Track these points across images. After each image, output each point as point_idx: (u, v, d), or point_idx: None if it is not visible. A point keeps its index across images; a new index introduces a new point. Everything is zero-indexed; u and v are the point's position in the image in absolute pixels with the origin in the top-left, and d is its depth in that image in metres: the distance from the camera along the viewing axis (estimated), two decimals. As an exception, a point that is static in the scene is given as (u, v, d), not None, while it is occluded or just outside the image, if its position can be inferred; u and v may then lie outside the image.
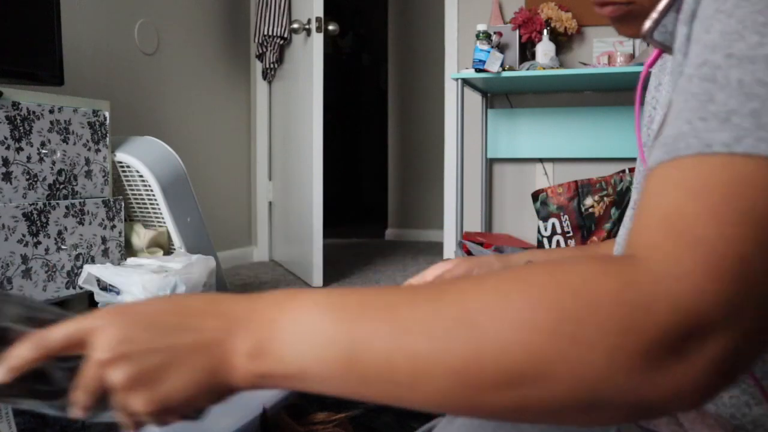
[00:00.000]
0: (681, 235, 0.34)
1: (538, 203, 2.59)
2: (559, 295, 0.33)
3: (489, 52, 2.61)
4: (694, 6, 0.42)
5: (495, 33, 2.82)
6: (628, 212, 0.64)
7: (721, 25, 0.38)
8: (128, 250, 2.04)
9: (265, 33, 3.21)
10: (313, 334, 0.37)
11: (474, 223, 3.25)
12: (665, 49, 0.57)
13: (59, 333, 0.41)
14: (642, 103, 0.68)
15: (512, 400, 0.34)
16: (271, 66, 3.35)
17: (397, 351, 0.35)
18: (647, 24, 0.53)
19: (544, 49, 2.88)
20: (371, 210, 5.91)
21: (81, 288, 1.79)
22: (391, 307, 0.37)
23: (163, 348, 0.39)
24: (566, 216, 2.53)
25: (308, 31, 2.90)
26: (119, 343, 0.39)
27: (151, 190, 2.05)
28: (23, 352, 0.41)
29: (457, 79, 2.72)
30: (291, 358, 0.37)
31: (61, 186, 1.80)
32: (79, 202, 1.84)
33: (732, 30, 0.37)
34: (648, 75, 0.65)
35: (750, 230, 0.33)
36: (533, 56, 2.93)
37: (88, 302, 1.91)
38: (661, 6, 0.52)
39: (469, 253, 2.50)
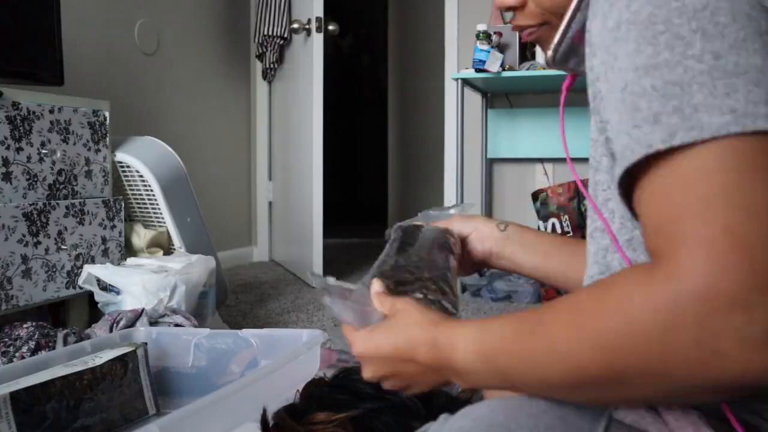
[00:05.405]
0: (672, 238, 0.41)
1: (538, 203, 2.59)
2: (612, 324, 0.43)
3: (489, 52, 2.61)
4: (589, 37, 0.50)
5: (495, 33, 2.82)
6: (589, 230, 0.61)
7: (624, 50, 0.45)
8: (128, 250, 2.04)
9: (265, 33, 3.21)
10: (467, 349, 0.54)
11: (474, 223, 3.24)
12: (576, 72, 0.63)
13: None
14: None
15: (614, 394, 0.46)
16: (271, 66, 3.35)
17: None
18: (549, 53, 0.60)
19: (544, 49, 2.87)
20: (371, 210, 5.91)
21: (81, 288, 1.79)
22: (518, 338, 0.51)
23: (397, 373, 0.61)
24: (566, 216, 2.52)
25: (308, 31, 2.90)
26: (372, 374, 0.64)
27: (151, 190, 2.05)
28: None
29: (457, 79, 2.72)
30: (461, 363, 0.54)
31: (61, 186, 1.80)
32: (79, 202, 1.84)
33: (632, 50, 0.45)
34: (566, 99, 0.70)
35: (716, 212, 0.39)
36: (533, 56, 2.93)
37: (88, 302, 1.91)
38: (556, 38, 0.58)
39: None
